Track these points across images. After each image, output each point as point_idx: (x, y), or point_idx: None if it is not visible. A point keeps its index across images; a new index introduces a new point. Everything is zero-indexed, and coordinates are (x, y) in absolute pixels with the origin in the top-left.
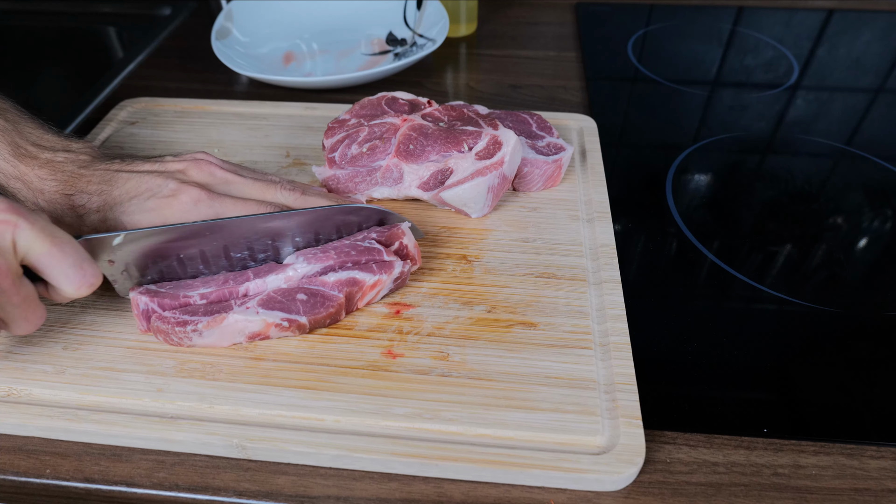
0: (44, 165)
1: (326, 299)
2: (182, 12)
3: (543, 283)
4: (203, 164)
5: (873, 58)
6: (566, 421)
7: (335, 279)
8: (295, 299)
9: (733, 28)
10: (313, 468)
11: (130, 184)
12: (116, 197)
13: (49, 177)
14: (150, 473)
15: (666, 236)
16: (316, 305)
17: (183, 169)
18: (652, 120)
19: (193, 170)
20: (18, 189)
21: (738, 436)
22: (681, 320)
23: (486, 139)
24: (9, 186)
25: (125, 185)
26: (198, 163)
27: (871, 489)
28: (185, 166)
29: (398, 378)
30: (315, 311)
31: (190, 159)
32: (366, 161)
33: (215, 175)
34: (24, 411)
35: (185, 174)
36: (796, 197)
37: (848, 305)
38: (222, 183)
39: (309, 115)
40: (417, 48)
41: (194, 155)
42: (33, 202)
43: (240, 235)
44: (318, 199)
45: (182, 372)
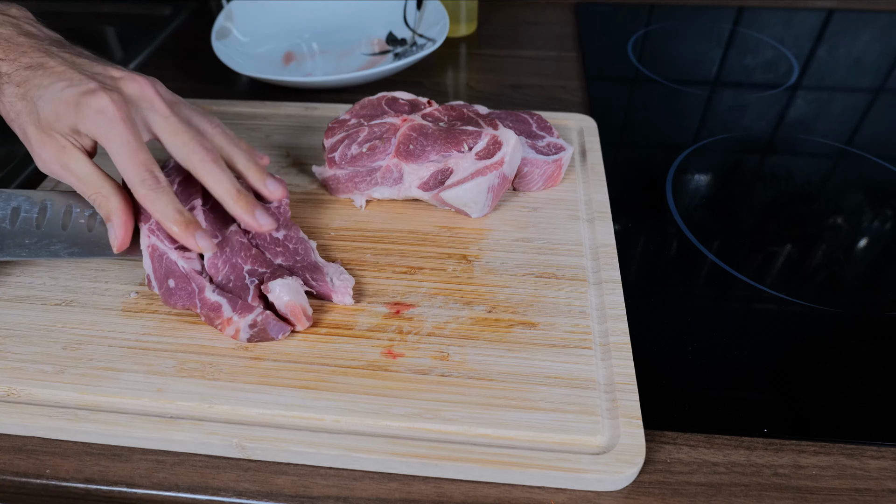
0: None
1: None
2: (182, 12)
3: (543, 282)
4: (142, 82)
5: (873, 58)
6: (566, 421)
7: (212, 295)
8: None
9: (733, 28)
10: (313, 468)
11: (61, 69)
12: (39, 76)
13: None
14: (150, 473)
15: (666, 236)
16: (182, 297)
17: (119, 77)
18: (652, 120)
19: (129, 82)
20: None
21: (738, 436)
22: (681, 320)
23: (486, 139)
24: None
25: (56, 68)
26: (138, 79)
27: (871, 489)
28: (123, 76)
29: (398, 378)
30: (174, 299)
31: (135, 74)
32: (366, 161)
33: (145, 93)
34: (24, 411)
35: (117, 83)
36: (796, 197)
37: (848, 305)
38: (147, 106)
39: (309, 115)
40: (417, 48)
41: (143, 74)
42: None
43: None
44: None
45: (182, 372)
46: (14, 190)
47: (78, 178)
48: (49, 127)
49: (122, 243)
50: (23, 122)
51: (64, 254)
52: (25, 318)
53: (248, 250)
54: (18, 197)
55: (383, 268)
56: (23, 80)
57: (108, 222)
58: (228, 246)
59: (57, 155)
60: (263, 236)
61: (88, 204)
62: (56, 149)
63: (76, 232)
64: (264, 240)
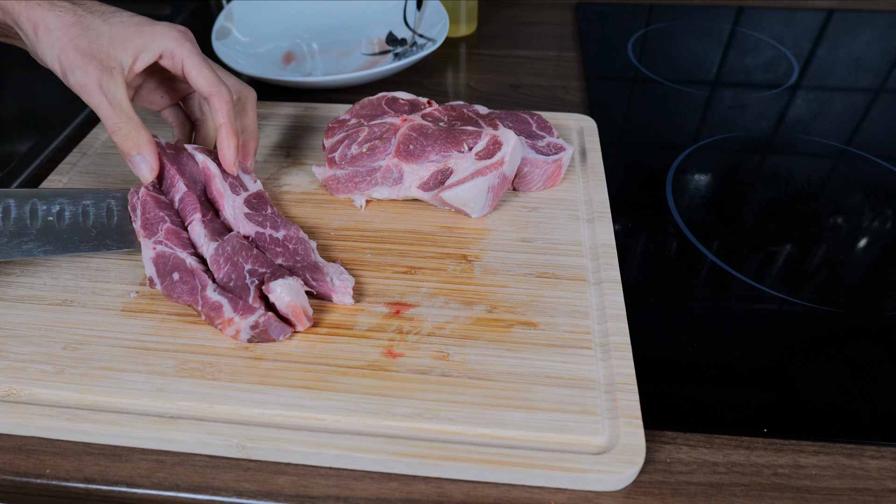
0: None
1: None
2: (182, 12)
3: (543, 282)
4: (184, 29)
5: (873, 58)
6: (566, 421)
7: (213, 294)
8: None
9: (733, 28)
10: (313, 468)
11: (130, 11)
12: (101, 5)
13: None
14: (150, 473)
15: (666, 236)
16: (184, 292)
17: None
18: (652, 120)
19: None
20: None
21: (738, 436)
22: (681, 320)
23: (486, 139)
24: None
25: (124, 12)
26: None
27: (871, 489)
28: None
29: (398, 378)
30: (177, 292)
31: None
32: (366, 161)
33: (192, 39)
34: (24, 411)
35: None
36: (796, 197)
37: (848, 305)
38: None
39: (309, 115)
40: (417, 48)
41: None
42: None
43: None
44: (255, 118)
45: (182, 372)
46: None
47: (112, 101)
48: (109, 44)
49: (156, 171)
50: (72, 34)
51: (38, 252)
52: (25, 318)
53: (249, 251)
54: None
55: (383, 268)
56: (97, 10)
57: (137, 155)
58: (230, 245)
59: (101, 73)
60: (263, 237)
61: (52, 201)
62: (103, 67)
63: (46, 229)
64: (264, 240)
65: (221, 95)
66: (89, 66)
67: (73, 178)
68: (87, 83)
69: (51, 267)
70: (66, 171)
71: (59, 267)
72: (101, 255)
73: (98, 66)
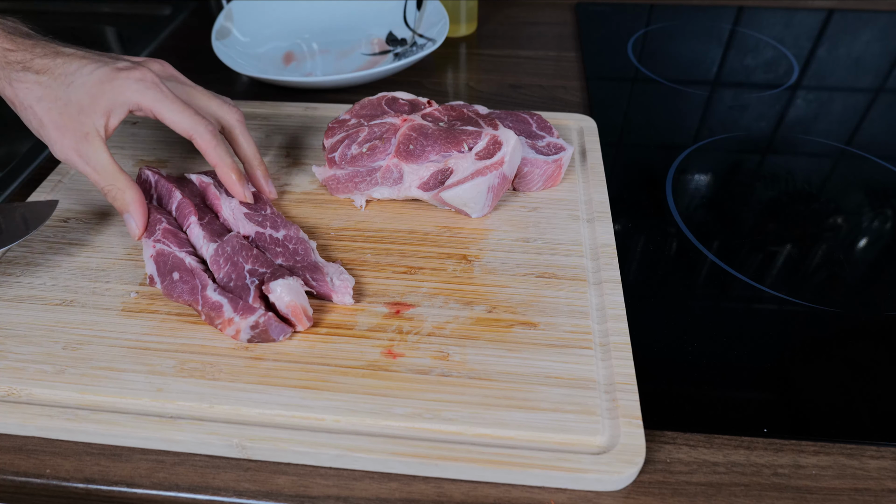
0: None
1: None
2: (182, 12)
3: (543, 282)
4: (162, 62)
5: (873, 58)
6: (566, 421)
7: (213, 294)
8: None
9: (733, 28)
10: (313, 468)
11: (79, 55)
12: (61, 63)
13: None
14: (150, 473)
15: (666, 236)
16: (184, 291)
17: (139, 60)
18: (652, 120)
19: (150, 62)
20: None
21: (738, 436)
22: (681, 320)
23: (486, 139)
24: None
25: (74, 56)
26: (157, 60)
27: (871, 489)
28: (142, 59)
29: (398, 378)
30: (177, 291)
31: (148, 58)
32: (366, 161)
33: (169, 72)
34: (24, 411)
35: (141, 63)
36: (796, 197)
37: (848, 305)
38: (174, 80)
39: (309, 115)
40: (417, 48)
41: (154, 58)
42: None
43: None
44: (250, 137)
45: (182, 372)
46: None
47: (95, 168)
48: (79, 111)
49: (143, 232)
50: (42, 109)
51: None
52: (25, 318)
53: (249, 250)
54: None
55: (383, 268)
56: (44, 68)
57: (126, 213)
58: (230, 246)
59: (77, 143)
60: (263, 237)
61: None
62: (78, 136)
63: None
64: (264, 240)
65: (201, 136)
66: (65, 138)
67: (73, 176)
68: (68, 155)
69: (51, 267)
70: (66, 170)
71: (58, 267)
72: (101, 256)
73: (73, 136)
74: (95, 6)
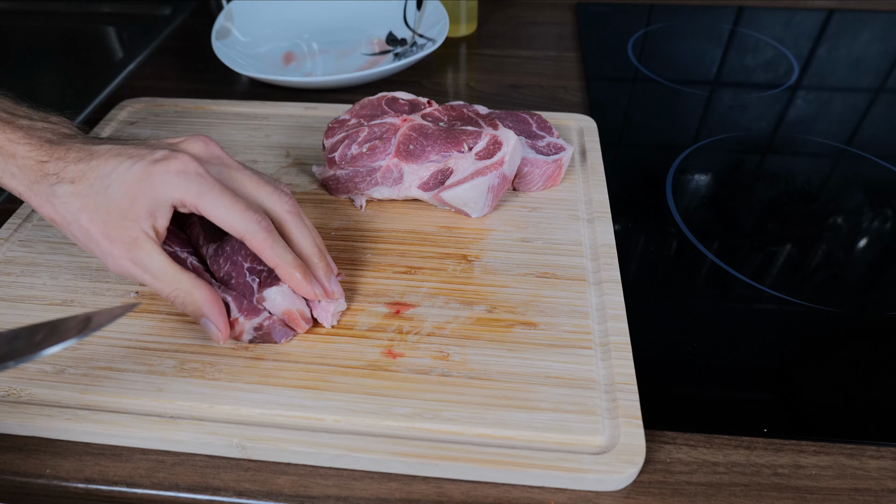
0: (17, 130)
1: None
2: (182, 12)
3: (543, 282)
4: (204, 140)
5: (873, 58)
6: (566, 421)
7: (218, 292)
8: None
9: (733, 28)
10: (313, 468)
11: (114, 152)
12: (95, 166)
13: (23, 140)
14: (150, 473)
15: (666, 236)
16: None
17: (179, 142)
18: (652, 120)
19: (191, 142)
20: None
21: (738, 436)
22: (681, 320)
23: (486, 139)
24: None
25: (107, 155)
26: (198, 137)
27: (871, 489)
28: (182, 140)
29: (398, 378)
30: None
31: (189, 136)
32: (366, 161)
33: (213, 152)
34: (24, 411)
35: (180, 146)
36: (796, 197)
37: (848, 305)
38: (218, 163)
39: (309, 115)
40: (417, 48)
41: (196, 135)
42: (2, 169)
43: None
44: (306, 228)
45: (182, 372)
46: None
47: (153, 275)
48: (121, 216)
49: (226, 335)
50: (84, 222)
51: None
52: (25, 318)
53: (247, 248)
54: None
55: (383, 268)
56: (78, 176)
57: (202, 318)
58: (228, 245)
59: (128, 249)
60: None
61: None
62: (127, 242)
63: None
64: None
65: (254, 235)
66: (114, 247)
67: None
68: (123, 266)
69: (51, 267)
70: None
71: (58, 267)
72: None
73: (122, 245)
74: (95, 6)
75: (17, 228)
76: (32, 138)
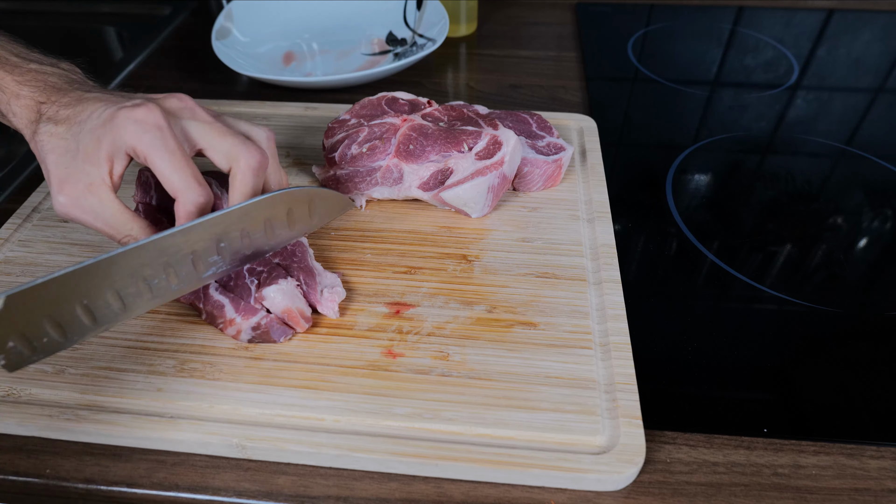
0: (26, 73)
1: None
2: (182, 12)
3: (543, 282)
4: (180, 96)
5: (873, 58)
6: (566, 421)
7: (215, 293)
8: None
9: (733, 28)
10: (313, 468)
11: (98, 99)
12: (80, 110)
13: (29, 83)
14: (150, 473)
15: (666, 236)
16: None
17: (158, 97)
18: (652, 120)
19: (168, 98)
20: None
21: (738, 436)
22: (681, 320)
23: (486, 139)
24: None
25: (93, 101)
26: (176, 94)
27: (871, 489)
28: (162, 96)
29: (398, 378)
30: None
31: (170, 93)
32: (366, 161)
33: (185, 104)
34: (24, 411)
35: (155, 100)
36: (796, 197)
37: (848, 305)
38: (189, 116)
39: (309, 115)
40: (417, 48)
41: (177, 93)
42: (6, 106)
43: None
44: (251, 188)
45: (182, 372)
46: None
47: (105, 220)
48: (84, 159)
49: None
50: (52, 162)
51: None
52: None
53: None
54: None
55: (383, 268)
56: (64, 118)
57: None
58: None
59: (81, 196)
60: None
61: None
62: (82, 188)
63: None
64: None
65: (184, 204)
66: (62, 193)
67: None
68: (67, 211)
69: (50, 267)
70: None
71: (58, 267)
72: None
73: (74, 189)
74: (95, 6)
75: (17, 228)
76: (38, 81)
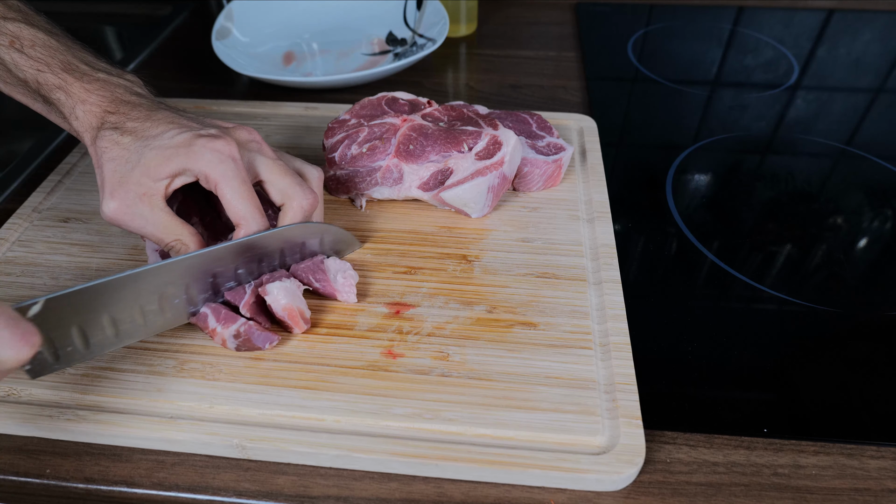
0: (94, 81)
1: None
2: (182, 12)
3: (543, 283)
4: (249, 129)
5: (873, 58)
6: (566, 421)
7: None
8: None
9: (733, 28)
10: (313, 468)
11: (169, 119)
12: (148, 127)
13: (97, 91)
14: (150, 473)
15: (666, 236)
16: None
17: (229, 126)
18: (652, 120)
19: (238, 130)
20: (58, 99)
21: (738, 436)
22: (681, 320)
23: (486, 139)
24: (49, 96)
25: (163, 121)
26: (244, 127)
27: (871, 489)
28: (232, 125)
29: (398, 378)
30: None
31: (238, 125)
32: (366, 161)
33: (253, 137)
34: (24, 411)
35: (227, 131)
36: (796, 197)
37: (848, 305)
38: (256, 148)
39: (309, 115)
40: (417, 48)
41: (243, 125)
42: (70, 110)
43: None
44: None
45: (182, 372)
46: None
47: (155, 225)
48: (143, 173)
49: None
50: (109, 170)
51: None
52: None
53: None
54: None
55: (383, 268)
56: (131, 130)
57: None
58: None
59: (133, 202)
60: None
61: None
62: (134, 195)
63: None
64: None
65: (247, 227)
66: (114, 198)
67: (74, 178)
68: (116, 216)
69: (51, 267)
70: (65, 170)
71: (58, 267)
72: (100, 256)
73: (126, 196)
74: (95, 6)
75: (18, 228)
76: (106, 91)
